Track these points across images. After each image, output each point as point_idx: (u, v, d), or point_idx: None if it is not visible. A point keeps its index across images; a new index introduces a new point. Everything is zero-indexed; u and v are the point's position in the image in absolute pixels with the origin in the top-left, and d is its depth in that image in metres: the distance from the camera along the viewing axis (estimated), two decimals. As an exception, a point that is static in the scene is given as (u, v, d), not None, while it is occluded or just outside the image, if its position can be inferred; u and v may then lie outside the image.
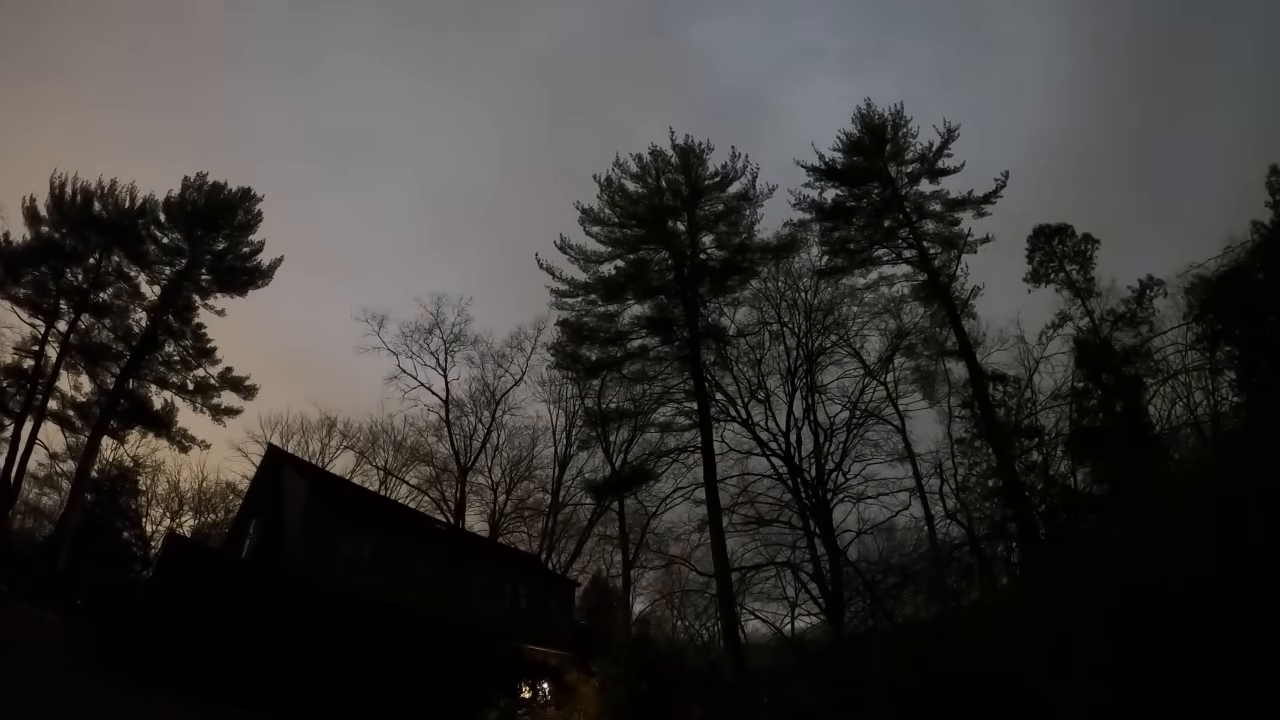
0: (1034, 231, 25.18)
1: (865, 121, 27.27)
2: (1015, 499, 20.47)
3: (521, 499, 39.77)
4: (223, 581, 18.36)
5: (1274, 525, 9.84)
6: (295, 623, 17.32)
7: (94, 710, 12.84)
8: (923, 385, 28.00)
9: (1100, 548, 14.82)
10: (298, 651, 16.80)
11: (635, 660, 22.46)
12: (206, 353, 34.17)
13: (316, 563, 19.46)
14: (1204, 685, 9.26)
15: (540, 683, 21.86)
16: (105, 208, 32.39)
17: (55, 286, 31.59)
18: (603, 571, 39.06)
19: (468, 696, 18.97)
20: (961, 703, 12.95)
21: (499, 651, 21.10)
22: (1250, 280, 18.27)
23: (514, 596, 26.14)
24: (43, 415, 31.30)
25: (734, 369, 28.25)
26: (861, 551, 27.52)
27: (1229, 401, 19.51)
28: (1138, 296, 22.61)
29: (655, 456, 30.37)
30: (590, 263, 28.33)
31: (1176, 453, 19.91)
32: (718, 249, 28.54)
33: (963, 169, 26.30)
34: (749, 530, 27.24)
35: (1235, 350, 18.86)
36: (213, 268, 34.36)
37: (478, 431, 39.12)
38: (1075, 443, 20.76)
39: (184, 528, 39.95)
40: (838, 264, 27.79)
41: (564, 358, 29.94)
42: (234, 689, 15.37)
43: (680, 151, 28.02)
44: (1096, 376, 21.22)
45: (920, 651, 17.65)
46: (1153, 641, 10.25)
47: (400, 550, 23.07)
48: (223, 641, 16.15)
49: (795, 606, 30.68)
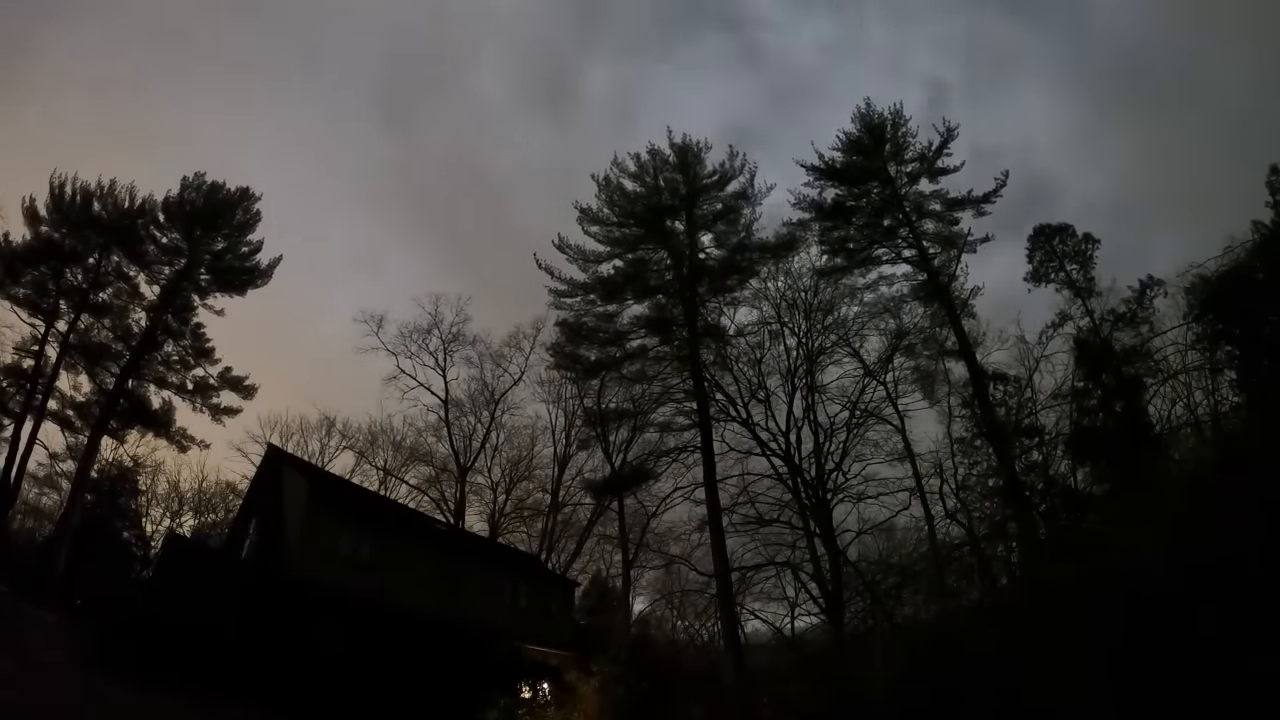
0: (1034, 231, 25.15)
1: (865, 121, 27.25)
2: (1015, 499, 20.46)
3: (521, 499, 39.78)
4: (223, 581, 18.37)
5: (1274, 525, 9.84)
6: (295, 623, 17.33)
7: (94, 710, 12.84)
8: (923, 385, 27.97)
9: (1100, 548, 14.81)
10: (298, 651, 16.81)
11: (635, 660, 22.50)
12: (206, 352, 34.18)
13: (316, 563, 19.47)
14: (1205, 686, 9.26)
15: (540, 683, 21.87)
16: (105, 208, 32.40)
17: (55, 286, 31.58)
18: (603, 571, 39.09)
19: (468, 696, 18.98)
20: (961, 703, 12.96)
21: (499, 651, 21.10)
22: (1250, 280, 18.25)
23: (514, 596, 26.14)
24: (43, 415, 31.28)
25: (734, 369, 28.26)
26: (861, 551, 27.55)
27: (1229, 401, 19.48)
28: (1138, 296, 22.58)
29: (655, 456, 30.36)
30: (589, 262, 28.37)
31: (1176, 453, 19.89)
32: (716, 248, 28.59)
33: (962, 168, 26.36)
34: (749, 530, 27.25)
35: (1235, 350, 18.84)
36: (212, 267, 34.36)
37: (477, 431, 39.13)
38: (1075, 443, 20.75)
39: (184, 528, 39.97)
40: (837, 263, 27.77)
41: (563, 358, 29.94)
42: (234, 689, 15.38)
43: (678, 150, 28.02)
44: (1096, 376, 21.21)
45: (920, 651, 17.65)
46: (1153, 642, 10.25)
47: (400, 550, 23.07)
48: (223, 641, 16.15)
49: (795, 606, 30.76)
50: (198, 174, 34.01)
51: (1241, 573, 9.77)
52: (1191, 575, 10.41)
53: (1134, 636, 10.48)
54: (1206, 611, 9.79)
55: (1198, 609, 9.92)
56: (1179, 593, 10.33)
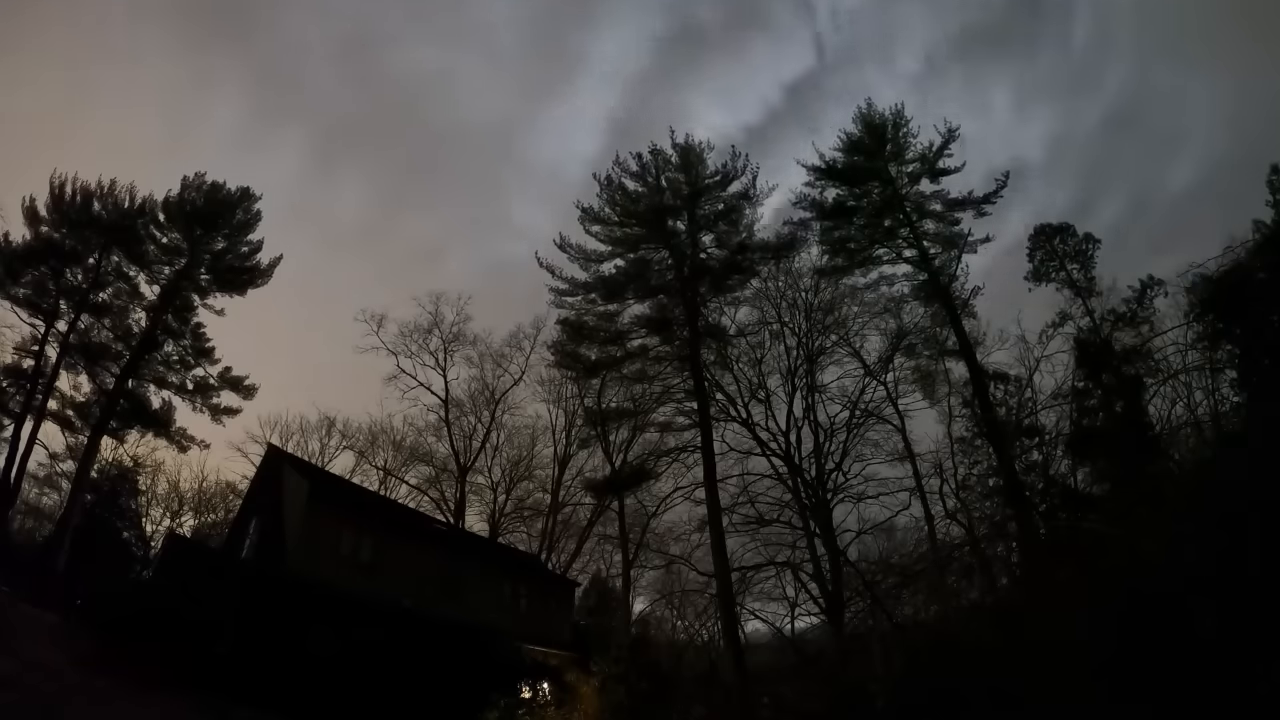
0: (1035, 230, 25.23)
1: (866, 121, 27.28)
2: (1015, 499, 20.46)
3: (521, 499, 39.81)
4: (223, 581, 18.37)
5: (1274, 525, 9.83)
6: (295, 622, 17.33)
7: (94, 710, 12.84)
8: (923, 385, 28.03)
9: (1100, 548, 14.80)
10: (298, 651, 16.81)
11: (635, 660, 22.48)
12: (206, 352, 34.22)
13: (316, 563, 19.47)
14: (1204, 686, 9.26)
15: (540, 683, 21.85)
16: (105, 208, 32.43)
17: (55, 286, 31.61)
18: (603, 571, 39.13)
19: (468, 696, 18.97)
20: (961, 703, 12.95)
21: (499, 651, 21.09)
22: (1250, 280, 18.23)
23: (514, 596, 26.15)
24: (43, 415, 31.29)
25: (734, 369, 28.31)
26: (861, 551, 27.61)
27: (1229, 401, 19.46)
28: (1138, 296, 22.59)
29: (655, 456, 30.43)
30: (590, 262, 28.34)
31: (1176, 453, 19.87)
32: (718, 248, 28.55)
33: (963, 169, 26.38)
34: (749, 530, 27.30)
35: (1235, 350, 18.83)
36: (212, 267, 34.39)
37: (477, 431, 39.17)
38: (1075, 443, 20.74)
39: (184, 528, 40.02)
40: (838, 263, 27.81)
41: (564, 357, 29.95)
42: (234, 689, 15.38)
43: (680, 150, 28.00)
44: (1097, 376, 21.21)
45: (920, 652, 17.64)
46: (1153, 642, 10.25)
47: (400, 550, 23.07)
48: (223, 641, 16.16)
49: (795, 606, 30.80)
50: (198, 174, 34.13)
51: (1241, 573, 9.77)
52: (1191, 575, 10.41)
53: (1134, 636, 10.47)
54: (1206, 612, 9.79)
55: (1198, 609, 9.92)
56: (1179, 593, 10.33)
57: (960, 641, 15.69)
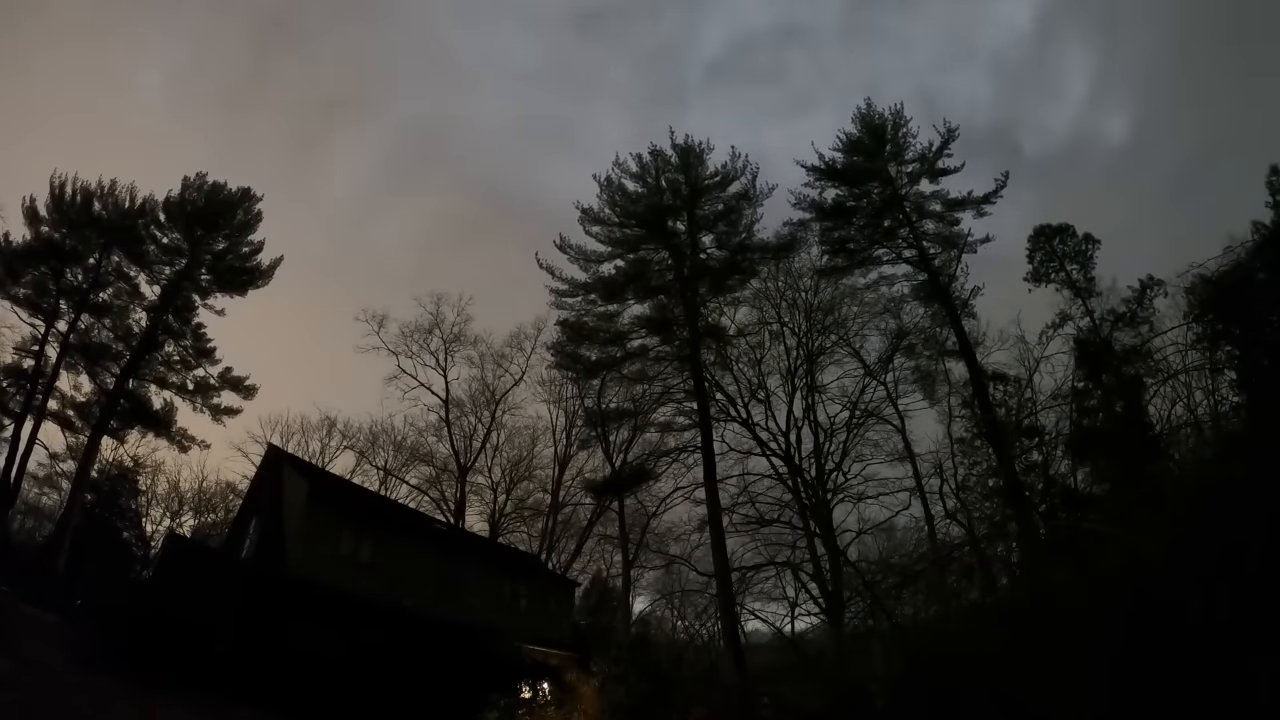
0: (1034, 231, 25.18)
1: (865, 121, 27.29)
2: (1015, 499, 20.46)
3: (521, 499, 39.85)
4: (223, 581, 18.35)
5: (1274, 525, 9.83)
6: (295, 623, 17.33)
7: (94, 711, 12.83)
8: (923, 385, 28.02)
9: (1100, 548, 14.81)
10: (298, 651, 16.81)
11: (635, 660, 22.40)
12: (206, 353, 34.22)
13: (316, 563, 19.47)
14: (1205, 686, 9.25)
15: (540, 683, 21.85)
16: (105, 208, 32.46)
17: (55, 286, 31.62)
18: (603, 571, 39.19)
19: (468, 696, 18.96)
20: (961, 703, 12.95)
21: (499, 651, 21.09)
22: (1250, 280, 18.25)
23: (514, 596, 26.15)
24: (43, 415, 31.31)
25: (734, 369, 28.32)
26: (861, 551, 27.65)
27: (1229, 401, 19.48)
28: (1138, 296, 22.59)
29: (655, 456, 30.46)
30: (590, 262, 28.34)
31: (1176, 453, 19.88)
32: (718, 249, 28.54)
33: (963, 169, 26.38)
34: (749, 530, 27.33)
35: (1235, 350, 18.84)
36: (212, 267, 34.41)
37: (477, 431, 39.21)
38: (1075, 443, 20.75)
39: (184, 528, 40.05)
40: (838, 264, 27.81)
41: (564, 357, 29.95)
42: (234, 689, 15.38)
43: (680, 151, 28.01)
44: (1096, 376, 21.22)
45: (920, 652, 17.63)
46: (1153, 642, 10.24)
47: (400, 550, 23.08)
48: (223, 641, 16.15)
49: (795, 606, 30.80)
50: (199, 174, 34.15)
51: (1241, 572, 9.76)
52: (1191, 575, 10.41)
53: (1134, 636, 10.47)
54: (1206, 612, 9.78)
55: (1198, 609, 9.91)
56: (1179, 593, 10.33)
57: (960, 642, 15.68)
